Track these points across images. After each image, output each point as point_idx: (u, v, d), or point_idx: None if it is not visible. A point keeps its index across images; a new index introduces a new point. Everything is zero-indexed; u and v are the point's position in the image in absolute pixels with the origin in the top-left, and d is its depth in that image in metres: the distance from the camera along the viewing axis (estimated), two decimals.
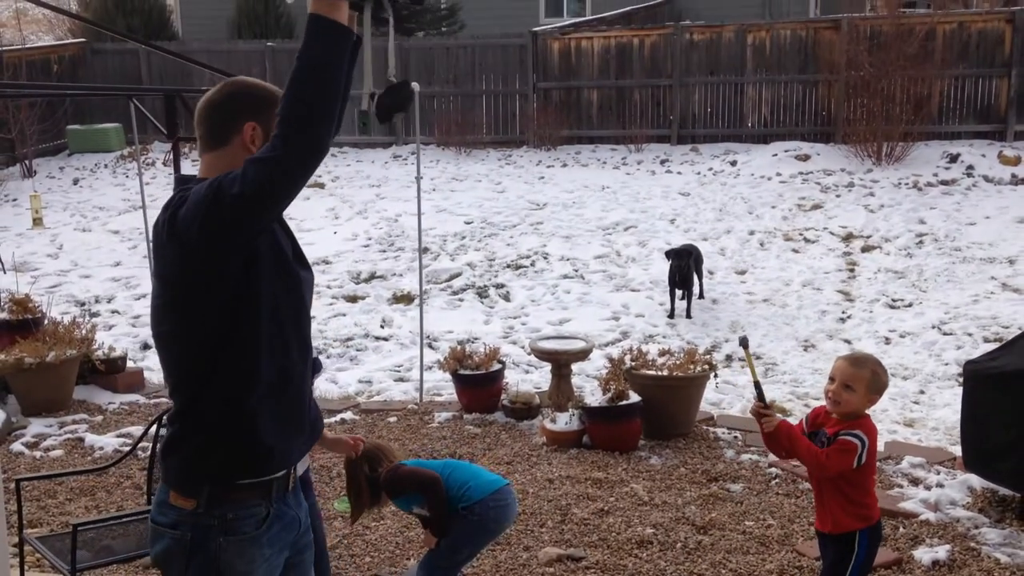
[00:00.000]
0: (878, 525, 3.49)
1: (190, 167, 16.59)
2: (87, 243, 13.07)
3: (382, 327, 9.74)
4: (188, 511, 2.30)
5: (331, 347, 9.10)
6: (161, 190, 15.24)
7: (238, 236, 2.18)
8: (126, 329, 9.76)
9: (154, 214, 2.57)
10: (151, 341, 9.31)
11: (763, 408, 3.49)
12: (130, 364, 7.90)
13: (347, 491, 3.74)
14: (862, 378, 3.35)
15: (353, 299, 10.68)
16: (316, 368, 3.55)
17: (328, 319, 9.87)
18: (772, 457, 6.01)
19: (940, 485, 5.43)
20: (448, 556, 3.66)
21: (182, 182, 2.39)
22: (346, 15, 2.14)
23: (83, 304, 10.51)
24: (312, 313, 3.50)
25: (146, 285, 10.07)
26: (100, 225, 13.99)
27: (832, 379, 3.42)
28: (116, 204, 14.97)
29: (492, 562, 4.68)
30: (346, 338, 9.35)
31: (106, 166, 17.58)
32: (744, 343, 3.62)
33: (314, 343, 3.60)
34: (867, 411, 3.45)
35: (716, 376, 7.30)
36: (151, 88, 15.19)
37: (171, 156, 16.05)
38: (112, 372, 7.50)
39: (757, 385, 3.55)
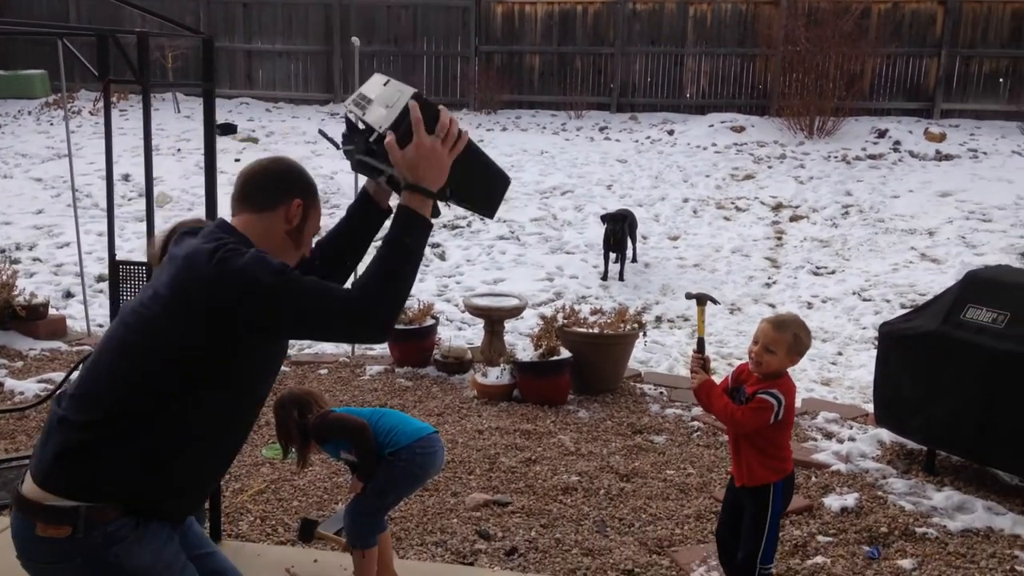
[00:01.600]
0: (791, 476, 3.64)
1: (117, 116, 16.08)
2: (8, 190, 12.66)
3: None
4: (64, 539, 2.13)
5: None
6: (87, 139, 14.83)
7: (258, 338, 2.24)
8: (48, 277, 9.53)
9: (79, 163, 2.50)
10: (74, 289, 9.16)
11: (699, 358, 3.62)
12: (52, 311, 7.73)
13: (277, 436, 3.75)
14: (783, 341, 3.46)
15: None
16: None
17: None
18: (695, 411, 6.20)
19: (852, 439, 5.66)
20: (374, 500, 3.70)
21: (224, 229, 2.31)
22: (430, 210, 2.31)
23: (3, 251, 10.21)
24: None
25: (69, 233, 9.82)
26: (22, 172, 13.55)
27: (756, 340, 3.54)
28: (39, 152, 14.50)
29: (420, 507, 4.75)
30: None
31: (30, 113, 17.01)
32: (700, 300, 3.72)
33: None
34: (787, 372, 3.58)
35: (645, 335, 7.45)
36: (82, 28, 14.68)
37: (99, 105, 15.51)
38: (33, 319, 7.33)
39: (700, 340, 3.67)
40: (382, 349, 7.61)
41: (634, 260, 10.43)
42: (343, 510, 4.38)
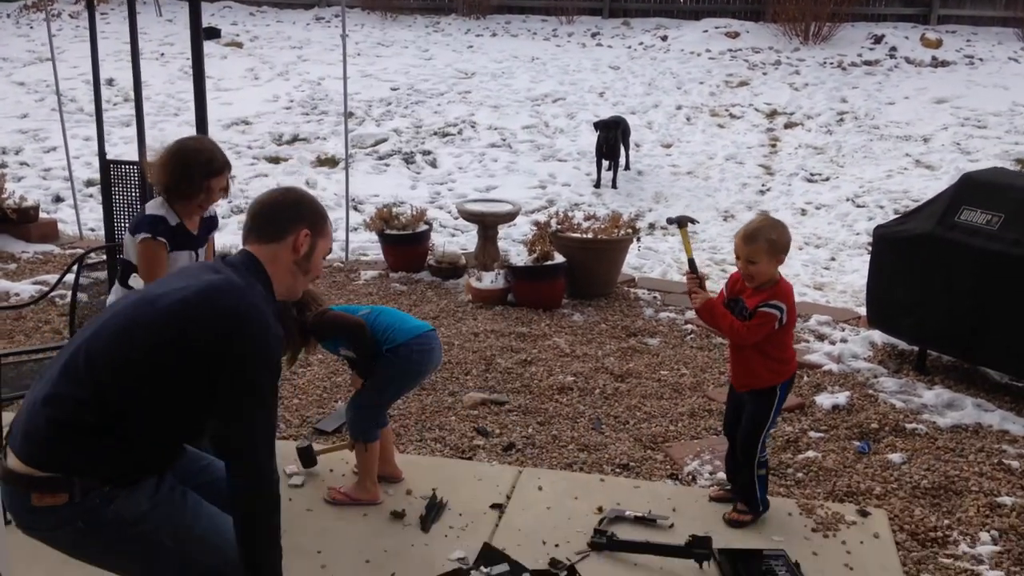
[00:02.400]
0: (793, 377, 3.69)
1: (99, 20, 15.64)
2: None
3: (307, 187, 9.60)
4: (63, 506, 2.15)
5: None
6: (68, 42, 14.47)
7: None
8: (36, 182, 9.41)
9: (61, 67, 2.43)
10: (63, 194, 9.07)
11: (694, 278, 3.61)
12: (43, 215, 7.66)
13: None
14: (759, 250, 3.45)
15: (275, 160, 10.46)
16: (214, 225, 3.65)
17: (250, 179, 9.66)
18: (688, 315, 6.24)
19: (844, 340, 5.73)
20: (374, 395, 3.74)
21: (249, 267, 2.37)
22: None
23: None
24: (232, 173, 3.54)
25: (55, 138, 9.66)
26: (4, 76, 13.25)
27: (736, 258, 3.54)
28: (20, 55, 14.16)
29: (418, 405, 4.81)
30: None
31: (8, 15, 16.55)
32: (681, 223, 3.70)
33: (235, 203, 3.66)
34: (780, 273, 3.58)
35: (639, 241, 7.46)
36: None
37: (80, 9, 15.07)
38: (24, 222, 7.27)
39: (691, 261, 3.66)
40: (376, 255, 7.60)
41: (627, 168, 10.36)
42: (342, 407, 4.44)
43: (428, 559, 3.36)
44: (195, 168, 3.38)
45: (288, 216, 2.42)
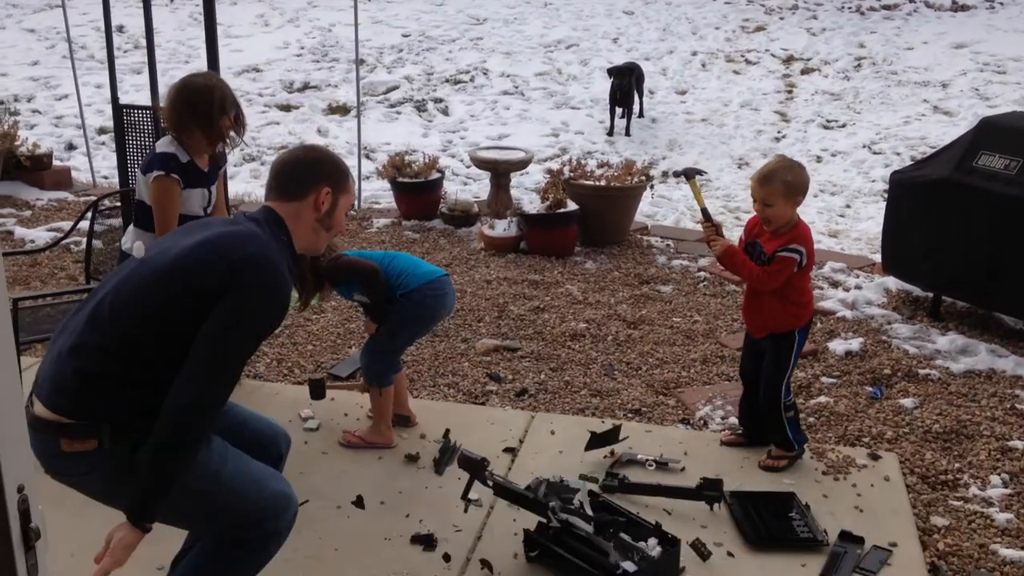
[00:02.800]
0: (811, 321, 3.68)
1: None
2: (1, 41, 12.34)
3: (319, 135, 9.56)
4: (92, 451, 2.17)
5: (265, 154, 8.93)
6: None
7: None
8: (48, 129, 9.41)
9: (72, 14, 2.40)
10: (76, 141, 9.06)
11: (710, 227, 3.57)
12: (56, 163, 7.67)
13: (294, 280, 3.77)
14: (775, 191, 3.40)
15: (287, 108, 10.41)
16: (223, 160, 3.63)
17: (262, 127, 9.63)
18: (702, 262, 6.23)
19: (858, 287, 5.71)
20: (387, 341, 3.76)
21: (271, 220, 2.38)
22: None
23: (2, 103, 10.03)
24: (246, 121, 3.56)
25: (67, 85, 9.63)
26: (14, 23, 13.18)
27: (753, 200, 3.50)
28: (30, 2, 14.07)
29: (431, 351, 4.84)
30: (280, 146, 9.17)
31: None
32: (688, 175, 3.66)
33: (248, 151, 3.64)
34: (798, 215, 3.54)
35: (652, 188, 7.42)
36: None
37: None
38: (38, 169, 7.28)
39: (704, 211, 3.61)
40: (388, 202, 7.59)
41: (640, 115, 10.26)
42: (356, 353, 4.47)
43: (441, 501, 3.41)
44: (201, 103, 3.35)
45: (310, 174, 2.43)
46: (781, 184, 3.40)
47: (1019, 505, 3.51)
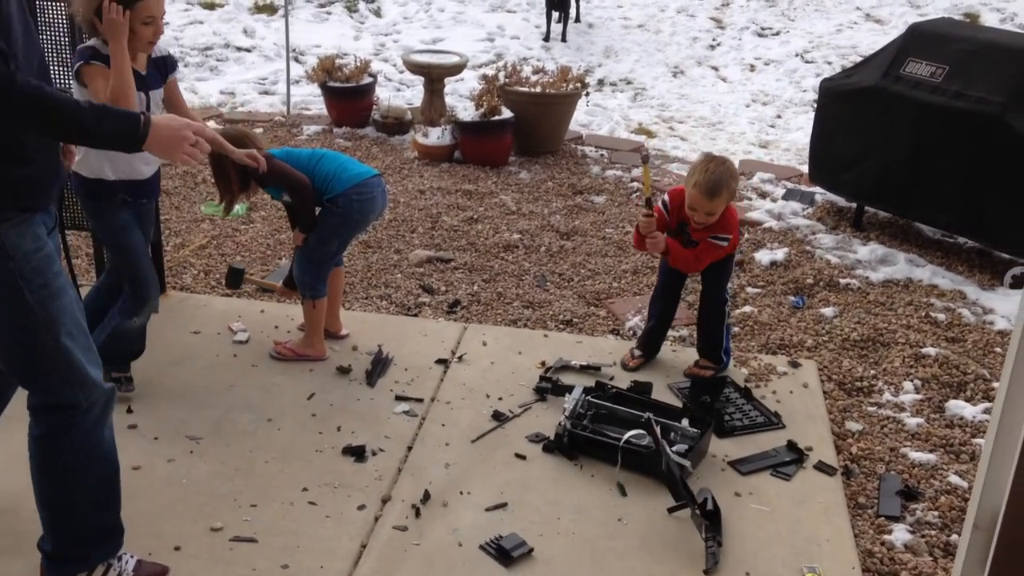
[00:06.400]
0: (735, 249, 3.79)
1: None
2: None
3: (244, 35, 9.22)
4: None
5: (189, 56, 8.60)
6: None
7: None
8: None
9: None
10: None
11: (650, 217, 3.53)
12: None
13: (215, 180, 3.66)
14: (722, 202, 3.45)
15: (210, 6, 9.98)
16: (171, 66, 3.38)
17: (184, 26, 9.24)
18: (635, 172, 6.25)
19: (785, 198, 5.81)
20: (317, 250, 3.71)
21: None
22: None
23: None
24: (166, 20, 3.24)
25: None
26: None
27: (691, 207, 3.47)
28: None
29: (364, 263, 4.81)
30: (205, 47, 8.83)
31: None
32: (646, 159, 3.60)
33: (171, 52, 3.39)
34: None
35: (587, 96, 7.36)
36: None
37: None
38: None
39: (648, 200, 3.57)
40: (319, 108, 7.41)
41: (577, 20, 10.11)
42: (287, 264, 4.42)
43: (374, 413, 3.44)
44: None
45: None
46: (727, 193, 3.45)
47: (929, 410, 3.69)
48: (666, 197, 3.67)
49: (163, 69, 3.30)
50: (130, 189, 3.26)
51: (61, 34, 3.77)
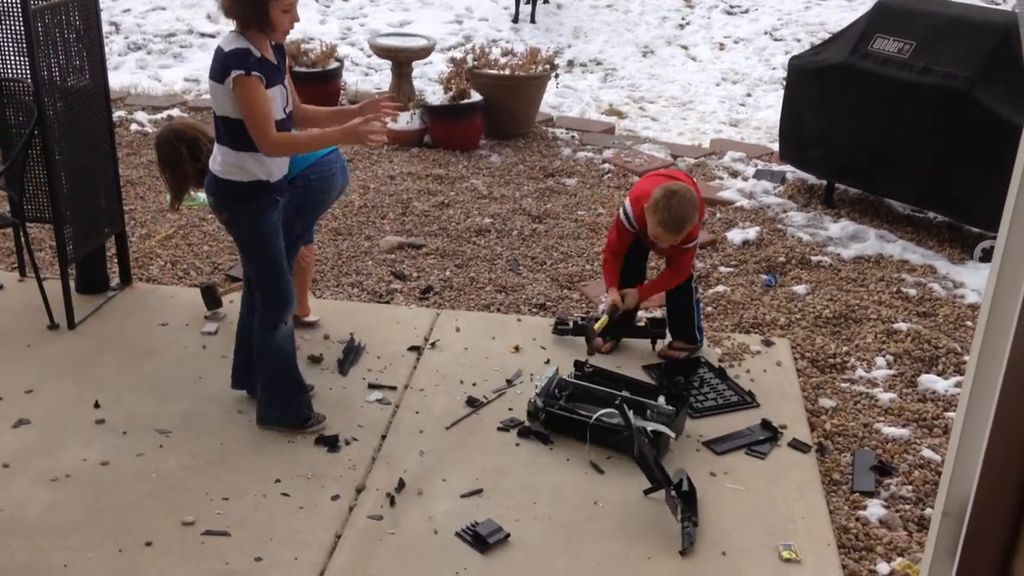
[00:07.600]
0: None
1: None
2: None
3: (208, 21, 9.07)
4: None
5: (152, 43, 8.43)
6: None
7: None
8: None
9: None
10: None
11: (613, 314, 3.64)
12: None
13: (162, 176, 3.54)
14: (688, 235, 3.49)
15: None
16: (284, 53, 3.22)
17: (147, 12, 9.06)
18: (606, 154, 6.23)
19: (756, 177, 5.80)
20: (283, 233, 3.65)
21: None
22: None
23: None
24: (127, 6, 3.11)
25: None
26: None
27: (659, 238, 3.46)
28: None
29: (334, 250, 4.76)
30: (168, 34, 8.67)
31: None
32: (612, 313, 3.63)
33: (133, 38, 3.30)
34: None
35: (557, 77, 7.31)
36: None
37: None
38: None
39: (603, 330, 3.65)
40: None
41: (546, 1, 10.03)
42: None
43: (346, 401, 3.41)
44: None
45: None
46: (691, 225, 3.46)
47: (902, 385, 3.71)
48: (628, 206, 3.61)
49: (282, 56, 3.11)
50: (279, 188, 3.15)
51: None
